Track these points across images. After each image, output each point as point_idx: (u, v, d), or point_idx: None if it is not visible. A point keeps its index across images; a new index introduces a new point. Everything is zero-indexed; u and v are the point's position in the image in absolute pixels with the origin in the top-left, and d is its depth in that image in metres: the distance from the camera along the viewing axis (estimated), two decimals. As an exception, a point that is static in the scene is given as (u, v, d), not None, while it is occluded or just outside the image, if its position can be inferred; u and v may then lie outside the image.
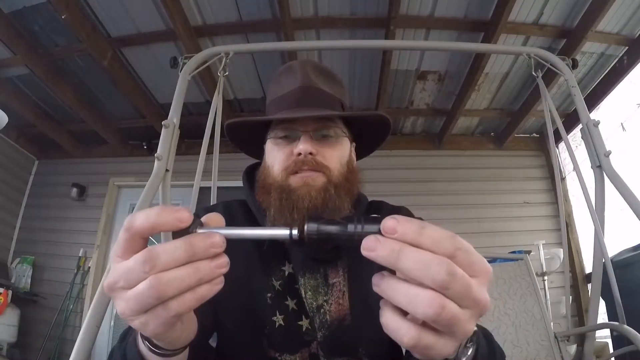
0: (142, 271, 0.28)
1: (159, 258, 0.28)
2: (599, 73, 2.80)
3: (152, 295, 0.28)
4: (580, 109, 1.51)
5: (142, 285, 0.28)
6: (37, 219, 3.41)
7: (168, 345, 0.35)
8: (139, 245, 0.30)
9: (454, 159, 3.46)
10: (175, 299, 0.28)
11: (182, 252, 0.28)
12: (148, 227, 0.29)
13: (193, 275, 0.28)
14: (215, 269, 0.29)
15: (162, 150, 1.28)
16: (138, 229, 0.29)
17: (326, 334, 0.61)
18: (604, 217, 1.40)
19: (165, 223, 0.29)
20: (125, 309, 0.29)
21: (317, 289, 0.64)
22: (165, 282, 0.28)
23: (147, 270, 0.28)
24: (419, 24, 2.42)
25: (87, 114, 3.10)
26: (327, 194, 0.60)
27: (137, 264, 0.28)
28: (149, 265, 0.28)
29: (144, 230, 0.29)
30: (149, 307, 0.28)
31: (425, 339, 0.28)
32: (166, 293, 0.28)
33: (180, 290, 0.28)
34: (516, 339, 1.69)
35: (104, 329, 2.94)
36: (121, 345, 0.45)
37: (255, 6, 2.31)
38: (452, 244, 0.27)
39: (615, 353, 1.56)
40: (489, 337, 0.46)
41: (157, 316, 0.29)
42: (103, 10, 2.31)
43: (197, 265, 0.29)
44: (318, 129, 0.64)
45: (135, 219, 0.29)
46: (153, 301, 0.28)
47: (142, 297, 0.28)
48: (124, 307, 0.29)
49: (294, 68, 0.72)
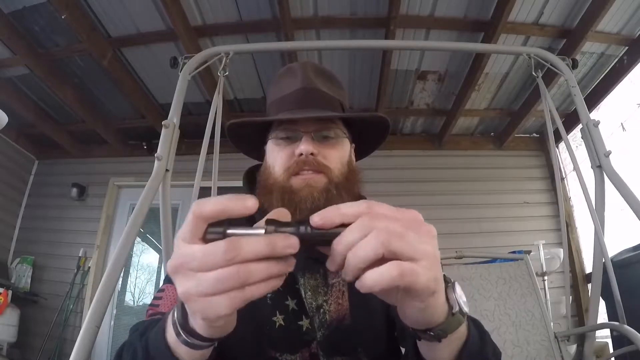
0: (224, 258, 0.29)
1: (242, 250, 0.30)
2: (599, 73, 2.80)
3: (237, 280, 0.30)
4: (580, 109, 1.51)
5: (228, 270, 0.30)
6: (37, 219, 3.40)
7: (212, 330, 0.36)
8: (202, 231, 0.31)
9: (454, 159, 3.46)
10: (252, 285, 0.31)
11: (264, 249, 0.30)
12: (217, 211, 0.31)
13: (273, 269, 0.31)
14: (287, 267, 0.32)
15: (162, 150, 1.28)
16: (208, 213, 0.31)
17: (326, 334, 0.62)
18: (604, 217, 1.40)
19: (235, 209, 0.31)
20: (193, 289, 0.30)
21: (317, 289, 0.64)
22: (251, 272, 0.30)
23: (229, 258, 0.29)
24: (419, 24, 2.42)
25: (87, 114, 3.10)
26: (329, 194, 0.61)
27: (219, 252, 0.30)
28: (232, 255, 0.30)
29: (213, 215, 0.31)
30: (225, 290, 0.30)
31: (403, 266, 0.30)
32: (249, 280, 0.30)
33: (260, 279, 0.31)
34: (516, 339, 1.69)
35: (104, 329, 2.94)
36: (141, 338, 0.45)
37: (255, 6, 2.31)
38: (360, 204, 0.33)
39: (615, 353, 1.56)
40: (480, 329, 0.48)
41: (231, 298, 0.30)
42: (103, 10, 2.31)
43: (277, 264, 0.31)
44: (319, 129, 0.65)
45: (204, 205, 0.31)
46: (235, 285, 0.30)
47: (224, 280, 0.30)
48: (191, 286, 0.31)
49: (294, 69, 0.73)
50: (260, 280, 0.31)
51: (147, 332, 0.45)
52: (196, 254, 0.30)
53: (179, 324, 0.38)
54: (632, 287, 1.86)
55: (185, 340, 0.37)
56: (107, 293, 0.95)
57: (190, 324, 0.37)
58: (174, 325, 0.38)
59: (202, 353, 0.40)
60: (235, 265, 0.30)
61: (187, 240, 0.31)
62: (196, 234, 0.31)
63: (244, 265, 0.30)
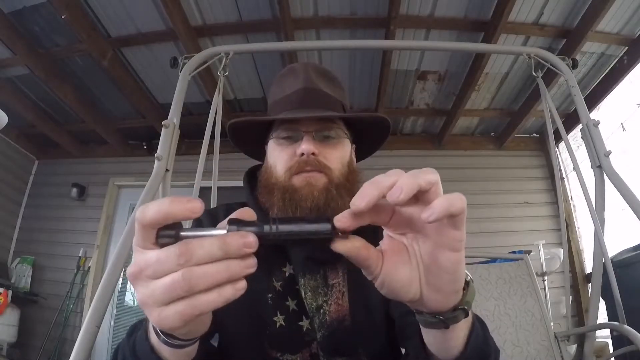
0: (176, 263, 0.28)
1: (195, 252, 0.28)
2: (599, 73, 2.80)
3: (182, 287, 0.28)
4: (580, 109, 1.51)
5: (173, 276, 0.28)
6: (37, 219, 3.41)
7: (182, 334, 0.36)
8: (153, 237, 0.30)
9: (454, 159, 3.46)
10: (201, 297, 0.29)
11: (217, 249, 0.29)
12: (160, 218, 0.29)
13: (224, 272, 0.29)
14: (245, 268, 0.30)
15: (162, 150, 1.28)
16: (150, 221, 0.29)
17: (326, 334, 0.62)
18: (604, 217, 1.40)
19: (178, 213, 0.29)
20: (148, 298, 0.29)
21: (317, 289, 0.64)
22: (197, 276, 0.28)
23: (181, 262, 0.28)
24: (419, 24, 2.42)
25: (87, 114, 3.10)
26: (329, 194, 0.61)
27: (171, 256, 0.28)
28: (184, 258, 0.28)
29: (156, 221, 0.29)
30: (174, 299, 0.29)
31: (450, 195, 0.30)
32: (196, 286, 0.28)
33: (209, 286, 0.29)
34: (516, 339, 1.69)
35: (104, 329, 2.94)
36: (129, 340, 0.45)
37: (255, 6, 2.31)
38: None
39: (615, 353, 1.56)
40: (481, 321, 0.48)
41: (179, 311, 0.29)
42: (103, 10, 2.31)
43: (228, 264, 0.29)
44: (320, 129, 0.65)
45: (147, 211, 0.29)
46: (181, 293, 0.28)
47: (172, 288, 0.28)
48: (147, 295, 0.29)
49: (296, 70, 0.73)
50: (212, 286, 0.29)
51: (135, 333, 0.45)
52: (150, 260, 0.29)
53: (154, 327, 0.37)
54: (632, 287, 1.86)
55: (165, 341, 0.37)
56: (107, 293, 0.95)
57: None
58: (153, 327, 0.38)
59: (186, 352, 0.40)
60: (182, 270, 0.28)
61: (140, 246, 0.30)
62: (147, 240, 0.30)
63: (189, 268, 0.28)
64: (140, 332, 0.42)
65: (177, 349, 0.38)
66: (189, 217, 0.29)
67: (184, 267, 0.28)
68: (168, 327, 0.30)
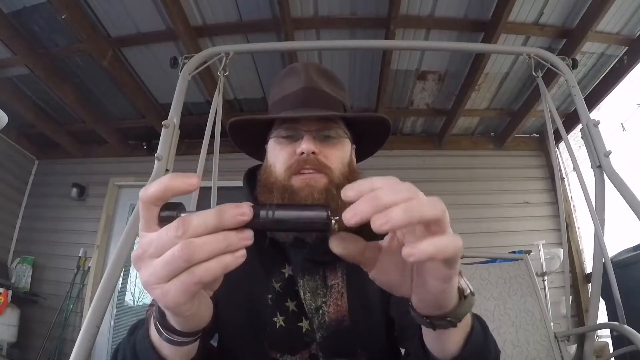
0: (174, 236, 0.29)
1: (191, 223, 0.29)
2: (599, 73, 2.80)
3: (181, 258, 0.29)
4: (580, 109, 1.51)
5: (173, 250, 0.29)
6: (37, 219, 3.41)
7: (184, 324, 0.36)
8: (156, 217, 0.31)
9: (454, 159, 3.46)
10: (200, 265, 0.29)
11: (213, 218, 0.29)
12: (161, 191, 0.30)
13: (222, 241, 0.30)
14: (241, 240, 0.30)
15: (162, 150, 1.28)
16: (152, 195, 0.31)
17: (325, 335, 0.62)
18: (604, 217, 1.40)
19: (177, 186, 0.30)
20: (151, 276, 0.30)
21: (316, 290, 0.64)
22: (195, 246, 0.29)
23: (179, 234, 0.29)
24: (419, 24, 2.42)
25: (87, 114, 3.10)
26: (329, 194, 0.61)
27: (169, 230, 0.29)
28: (181, 230, 0.29)
29: (158, 194, 0.31)
30: (175, 272, 0.29)
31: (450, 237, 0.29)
32: (195, 257, 0.29)
33: (208, 255, 0.29)
34: (516, 339, 1.69)
35: (104, 329, 2.94)
36: (130, 339, 0.45)
37: (255, 6, 2.30)
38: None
39: (615, 353, 1.56)
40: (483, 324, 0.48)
41: (181, 282, 0.29)
42: (103, 10, 2.31)
43: (226, 234, 0.30)
44: (321, 129, 0.65)
45: (148, 188, 0.31)
46: (182, 264, 0.29)
47: (171, 261, 0.29)
48: (149, 274, 0.30)
49: (297, 70, 0.73)
50: (211, 256, 0.29)
51: (136, 332, 0.45)
52: (151, 239, 0.30)
53: (158, 321, 0.38)
54: (632, 287, 1.86)
55: (167, 338, 0.37)
56: (107, 293, 0.95)
57: (168, 321, 0.37)
58: (155, 324, 0.38)
59: (187, 351, 0.40)
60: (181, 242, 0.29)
61: (144, 229, 0.32)
62: (151, 220, 0.31)
63: (187, 240, 0.29)
64: (141, 331, 0.42)
65: (178, 346, 0.38)
66: (187, 190, 0.31)
67: (182, 239, 0.29)
68: (173, 303, 0.31)
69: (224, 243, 0.30)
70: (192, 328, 0.37)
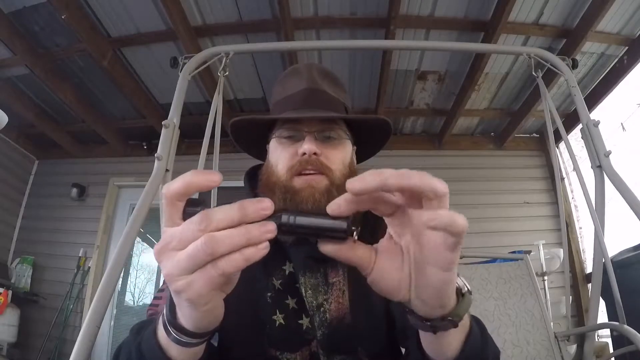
0: (198, 229, 0.30)
1: (214, 217, 0.30)
2: (599, 73, 2.80)
3: (204, 251, 0.29)
4: (580, 109, 1.51)
5: (196, 243, 0.30)
6: (37, 219, 3.40)
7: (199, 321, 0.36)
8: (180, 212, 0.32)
9: (454, 159, 3.46)
10: (224, 258, 0.30)
11: (235, 212, 0.30)
12: (184, 187, 0.31)
13: (244, 235, 0.30)
14: (264, 233, 0.31)
15: (162, 150, 1.28)
16: (175, 191, 0.31)
17: (326, 333, 0.62)
18: (604, 217, 1.40)
19: (199, 182, 0.31)
20: (174, 269, 0.31)
21: (317, 287, 0.64)
22: (218, 239, 0.29)
23: (202, 228, 0.30)
24: (419, 24, 2.42)
25: (87, 114, 3.10)
26: (330, 195, 0.61)
27: (193, 224, 0.30)
28: (205, 224, 0.30)
29: (181, 190, 0.31)
30: (199, 265, 0.30)
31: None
32: (218, 250, 0.29)
33: (231, 248, 0.30)
34: (516, 339, 1.69)
35: (104, 329, 2.94)
36: (136, 338, 0.45)
37: (255, 6, 2.31)
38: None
39: (615, 353, 1.56)
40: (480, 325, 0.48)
41: (205, 274, 0.30)
42: (103, 10, 2.31)
43: (247, 227, 0.30)
44: (322, 130, 0.66)
45: (172, 184, 0.31)
46: (205, 257, 0.30)
47: (195, 254, 0.30)
48: (172, 266, 0.31)
49: (299, 70, 0.74)
50: (232, 249, 0.30)
51: (142, 332, 0.45)
52: (175, 233, 0.31)
53: (167, 321, 0.38)
54: (632, 287, 1.86)
55: (176, 338, 0.37)
56: (107, 293, 0.95)
57: (178, 321, 0.37)
58: (164, 324, 0.38)
59: (194, 352, 0.40)
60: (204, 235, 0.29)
61: (168, 224, 0.32)
62: (175, 216, 0.32)
63: (210, 234, 0.29)
64: (148, 331, 0.42)
65: (186, 347, 0.38)
66: (209, 186, 0.31)
67: (206, 233, 0.29)
68: (196, 294, 0.31)
69: (246, 236, 0.30)
70: (204, 328, 0.37)
